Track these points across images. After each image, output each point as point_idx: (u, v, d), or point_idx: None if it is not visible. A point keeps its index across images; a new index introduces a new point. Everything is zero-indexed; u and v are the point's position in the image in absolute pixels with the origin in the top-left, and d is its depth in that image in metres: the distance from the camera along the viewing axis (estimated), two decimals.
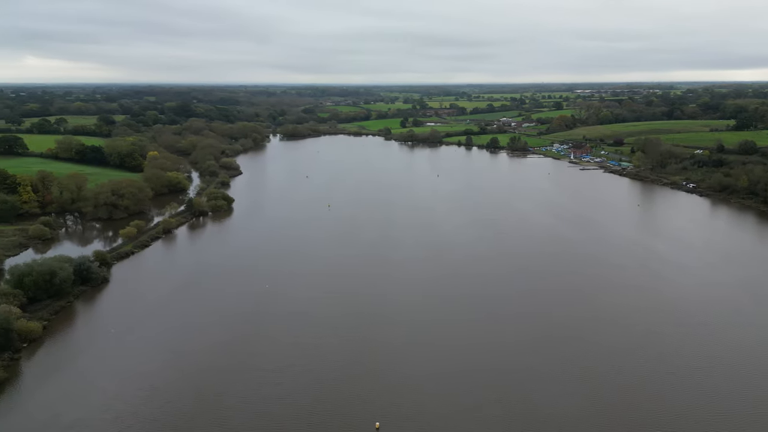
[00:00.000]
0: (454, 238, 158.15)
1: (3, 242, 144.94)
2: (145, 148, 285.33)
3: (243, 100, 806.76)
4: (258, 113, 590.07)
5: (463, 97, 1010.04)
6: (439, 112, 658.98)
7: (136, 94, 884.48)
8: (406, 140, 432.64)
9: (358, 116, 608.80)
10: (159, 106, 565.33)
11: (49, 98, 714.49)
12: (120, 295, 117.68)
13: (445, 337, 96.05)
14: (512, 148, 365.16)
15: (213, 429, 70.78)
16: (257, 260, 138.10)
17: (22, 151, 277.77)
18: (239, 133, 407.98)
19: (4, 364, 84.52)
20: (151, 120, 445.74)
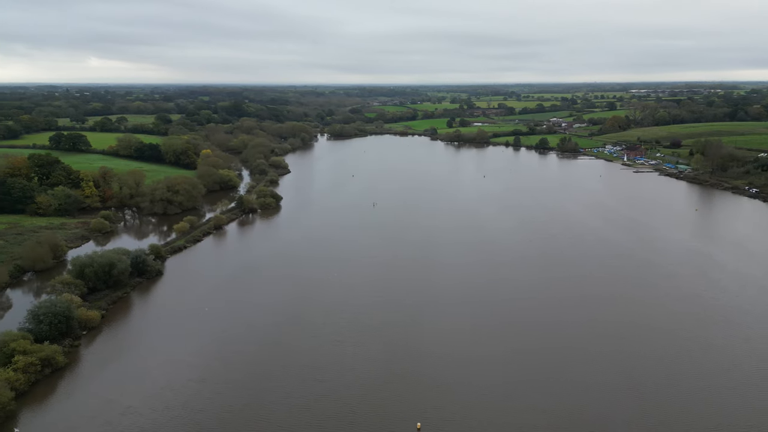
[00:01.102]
0: (501, 240, 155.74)
1: (66, 234, 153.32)
2: (199, 146, 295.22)
3: (292, 100, 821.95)
4: (307, 113, 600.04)
5: (512, 96, 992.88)
6: (486, 112, 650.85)
7: (191, 93, 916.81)
8: (452, 140, 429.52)
9: (404, 116, 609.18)
10: (212, 106, 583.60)
11: (111, 98, 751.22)
12: (173, 287, 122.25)
13: (489, 342, 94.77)
14: (562, 149, 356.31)
15: (257, 423, 72.40)
16: (303, 257, 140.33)
17: (86, 148, 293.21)
18: (288, 133, 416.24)
19: (66, 351, 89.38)
20: (204, 119, 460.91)
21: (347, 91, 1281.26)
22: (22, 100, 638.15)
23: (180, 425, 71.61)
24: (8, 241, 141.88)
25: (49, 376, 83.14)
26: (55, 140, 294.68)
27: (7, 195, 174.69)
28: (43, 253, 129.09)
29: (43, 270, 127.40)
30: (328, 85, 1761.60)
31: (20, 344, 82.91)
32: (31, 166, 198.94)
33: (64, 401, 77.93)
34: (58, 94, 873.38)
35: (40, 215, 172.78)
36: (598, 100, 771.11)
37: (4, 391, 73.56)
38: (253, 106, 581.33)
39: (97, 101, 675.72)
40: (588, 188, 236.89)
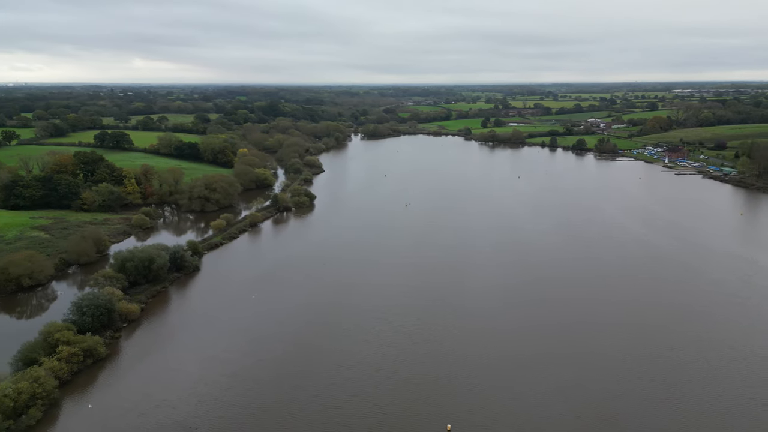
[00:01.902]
0: (535, 242, 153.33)
1: (109, 230, 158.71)
2: (236, 145, 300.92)
3: (327, 100, 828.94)
4: (341, 113, 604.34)
5: (549, 96, 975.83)
6: (522, 112, 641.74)
7: (229, 93, 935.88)
8: (486, 140, 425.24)
9: (438, 116, 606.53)
10: (249, 106, 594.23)
11: (153, 98, 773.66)
12: (209, 283, 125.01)
13: (522, 345, 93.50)
14: (600, 150, 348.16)
15: (287, 420, 73.23)
16: (335, 257, 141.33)
17: (128, 146, 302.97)
18: (323, 132, 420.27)
19: (106, 342, 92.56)
20: (241, 118, 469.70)
21: (381, 91, 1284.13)
22: (69, 99, 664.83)
23: (213, 420, 73.10)
24: (54, 236, 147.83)
25: (91, 367, 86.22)
26: (99, 138, 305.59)
27: (54, 191, 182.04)
28: (87, 248, 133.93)
29: (86, 263, 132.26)
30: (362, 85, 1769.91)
31: (64, 335, 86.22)
32: (77, 163, 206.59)
33: (103, 391, 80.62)
34: (103, 93, 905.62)
35: (84, 211, 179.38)
36: (639, 100, 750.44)
37: (49, 379, 76.67)
38: (288, 106, 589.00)
39: (139, 101, 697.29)
40: (627, 191, 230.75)
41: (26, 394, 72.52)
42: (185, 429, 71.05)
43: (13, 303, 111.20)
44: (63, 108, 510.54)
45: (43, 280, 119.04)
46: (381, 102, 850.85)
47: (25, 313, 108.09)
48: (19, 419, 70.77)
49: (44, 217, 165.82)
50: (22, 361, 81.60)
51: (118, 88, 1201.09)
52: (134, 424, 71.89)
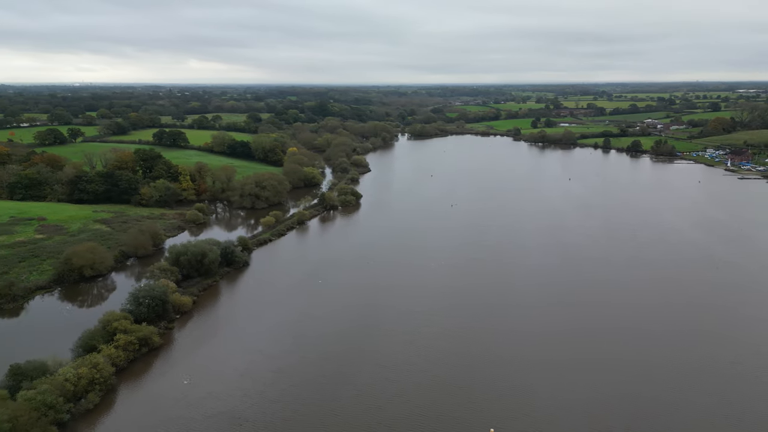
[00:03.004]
0: (585, 245, 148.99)
1: (165, 224, 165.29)
2: (286, 144, 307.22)
3: (375, 100, 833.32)
4: (388, 113, 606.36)
5: (603, 96, 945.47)
6: (574, 113, 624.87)
7: (280, 93, 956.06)
8: (536, 141, 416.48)
9: (486, 116, 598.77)
10: (299, 105, 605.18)
11: (207, 97, 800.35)
12: (257, 278, 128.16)
13: (570, 349, 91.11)
14: (657, 152, 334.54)
15: (329, 417, 73.96)
16: (379, 256, 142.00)
17: (184, 144, 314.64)
18: (370, 132, 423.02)
19: (160, 332, 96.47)
20: (291, 118, 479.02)
21: (429, 91, 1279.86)
22: (130, 99, 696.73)
23: (256, 413, 74.73)
24: (114, 229, 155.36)
25: (146, 355, 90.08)
26: (158, 136, 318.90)
27: (115, 186, 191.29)
28: (145, 241, 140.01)
29: (143, 256, 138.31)
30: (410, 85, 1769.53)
31: (122, 324, 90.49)
32: (136, 160, 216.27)
33: (156, 380, 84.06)
34: (162, 93, 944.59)
35: (142, 206, 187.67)
36: (700, 101, 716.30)
37: (107, 366, 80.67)
38: (337, 106, 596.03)
39: (195, 101, 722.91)
40: (685, 195, 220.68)
41: (85, 380, 76.58)
42: (232, 420, 73.13)
43: (75, 292, 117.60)
44: (125, 107, 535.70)
45: (103, 271, 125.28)
46: (429, 102, 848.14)
47: (86, 302, 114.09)
48: (79, 403, 74.79)
49: (106, 211, 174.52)
50: (83, 347, 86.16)
51: (175, 88, 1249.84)
52: (183, 414, 74.51)
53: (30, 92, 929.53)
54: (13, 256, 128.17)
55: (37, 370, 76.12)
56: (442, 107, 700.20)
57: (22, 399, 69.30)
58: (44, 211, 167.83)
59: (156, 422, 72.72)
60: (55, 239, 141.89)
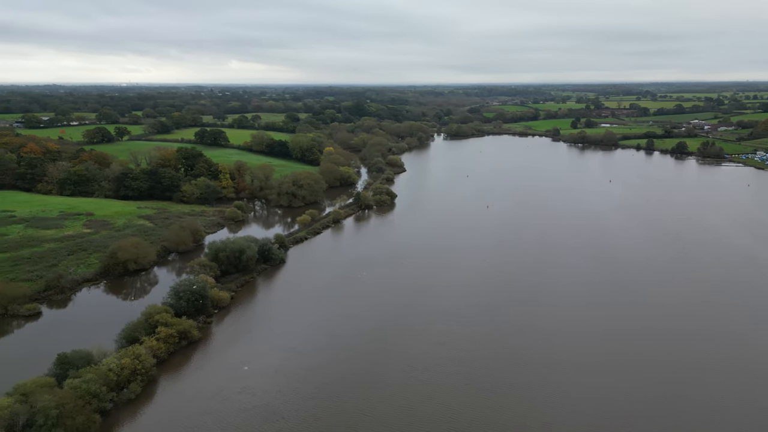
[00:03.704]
0: (627, 251, 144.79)
1: (205, 221, 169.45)
2: (323, 143, 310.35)
3: (412, 100, 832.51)
4: (425, 113, 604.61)
5: (647, 96, 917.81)
6: (616, 113, 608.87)
7: (317, 93, 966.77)
8: (576, 142, 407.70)
9: (525, 116, 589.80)
10: (336, 105, 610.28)
11: (247, 97, 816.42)
12: (293, 276, 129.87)
13: (607, 355, 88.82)
14: (703, 155, 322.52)
15: (360, 417, 74.17)
16: (413, 256, 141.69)
17: (224, 143, 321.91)
18: (406, 132, 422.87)
19: (199, 326, 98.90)
20: (329, 118, 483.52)
21: (466, 90, 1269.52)
22: (174, 98, 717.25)
23: (289, 410, 75.59)
24: (157, 225, 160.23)
25: (185, 348, 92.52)
26: (199, 135, 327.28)
27: (158, 183, 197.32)
28: (186, 237, 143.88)
29: (184, 252, 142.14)
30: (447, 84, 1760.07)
31: (163, 317, 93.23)
32: (179, 158, 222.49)
33: (194, 373, 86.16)
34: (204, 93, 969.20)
35: (184, 202, 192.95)
36: (750, 101, 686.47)
37: (148, 357, 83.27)
38: (373, 106, 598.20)
39: (235, 100, 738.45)
40: (733, 198, 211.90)
41: (128, 370, 79.27)
42: (265, 415, 74.31)
43: (119, 285, 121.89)
44: (168, 107, 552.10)
45: (146, 266, 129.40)
46: (466, 102, 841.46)
47: (129, 294, 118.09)
48: (121, 392, 77.47)
49: (149, 207, 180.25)
50: (126, 339, 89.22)
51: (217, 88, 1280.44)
52: (219, 408, 76.05)
53: (79, 92, 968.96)
54: (62, 250, 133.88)
55: (82, 360, 79.21)
56: (479, 107, 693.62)
57: (68, 387, 72.26)
58: (92, 207, 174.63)
59: (193, 414, 74.61)
60: (101, 234, 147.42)
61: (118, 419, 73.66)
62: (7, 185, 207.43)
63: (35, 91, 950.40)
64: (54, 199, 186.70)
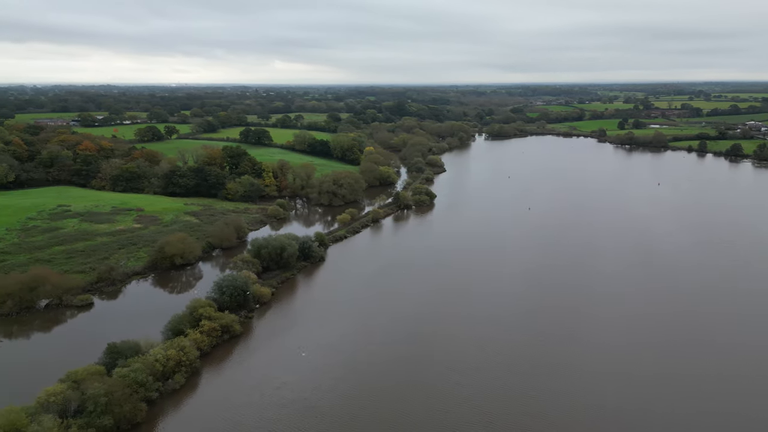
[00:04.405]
0: (675, 259, 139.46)
1: (248, 218, 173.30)
2: (363, 143, 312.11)
3: (453, 99, 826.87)
4: (466, 112, 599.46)
5: (699, 96, 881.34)
6: (666, 113, 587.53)
7: (359, 93, 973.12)
8: (622, 143, 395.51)
9: (569, 116, 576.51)
10: (377, 105, 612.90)
11: (290, 97, 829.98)
12: (332, 274, 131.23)
13: (649, 366, 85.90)
14: (759, 158, 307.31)
15: (396, 417, 74.04)
16: (451, 258, 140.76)
17: (268, 142, 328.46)
18: (447, 132, 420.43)
19: (241, 321, 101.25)
20: (370, 118, 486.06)
21: (509, 90, 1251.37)
22: (220, 99, 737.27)
23: (326, 407, 76.28)
24: (203, 221, 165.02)
25: (227, 342, 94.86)
26: (244, 134, 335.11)
27: (204, 181, 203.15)
28: (230, 233, 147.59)
29: (228, 248, 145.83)
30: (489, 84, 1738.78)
31: (207, 311, 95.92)
32: (224, 156, 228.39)
33: (235, 367, 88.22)
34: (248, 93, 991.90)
35: (228, 200, 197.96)
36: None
37: (192, 349, 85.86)
38: (414, 106, 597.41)
39: (279, 101, 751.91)
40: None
41: (173, 361, 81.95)
42: (303, 411, 75.35)
43: (166, 279, 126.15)
44: (215, 106, 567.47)
45: (192, 260, 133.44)
46: (508, 101, 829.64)
47: (175, 288, 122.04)
48: (167, 383, 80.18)
49: (195, 204, 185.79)
50: (172, 331, 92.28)
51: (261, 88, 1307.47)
52: (258, 402, 77.49)
53: (132, 92, 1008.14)
54: (113, 243, 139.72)
55: (131, 350, 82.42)
56: (522, 107, 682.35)
57: (117, 376, 75.34)
58: (142, 203, 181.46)
59: (233, 406, 76.47)
60: (150, 229, 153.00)
61: (163, 408, 76.25)
62: (63, 181, 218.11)
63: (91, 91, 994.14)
64: (107, 195, 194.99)
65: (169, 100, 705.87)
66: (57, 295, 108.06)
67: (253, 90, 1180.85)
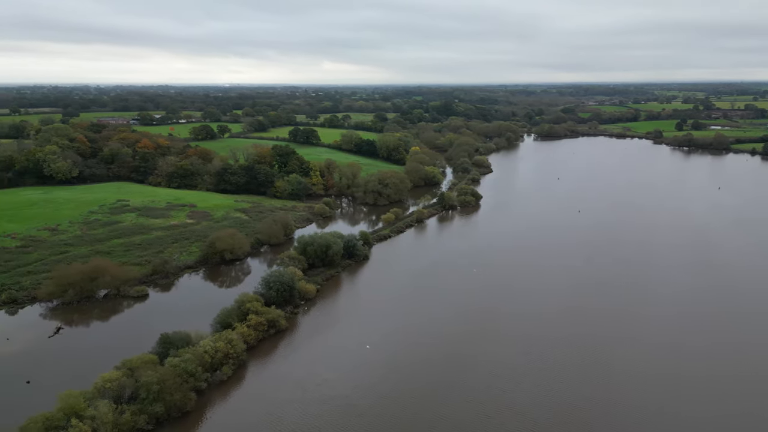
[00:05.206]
0: (738, 268, 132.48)
1: (295, 216, 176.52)
2: (409, 143, 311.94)
3: (501, 99, 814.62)
4: (515, 112, 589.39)
5: (765, 96, 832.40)
6: (728, 114, 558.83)
7: (406, 93, 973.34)
8: (680, 145, 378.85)
9: (623, 117, 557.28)
10: (424, 105, 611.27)
11: (338, 97, 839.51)
12: (376, 273, 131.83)
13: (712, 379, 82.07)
14: None
15: (435, 420, 73.42)
16: (495, 260, 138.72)
17: (316, 141, 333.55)
18: (494, 132, 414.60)
19: (287, 316, 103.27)
20: (416, 118, 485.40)
21: (560, 90, 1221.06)
22: (271, 98, 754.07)
23: (367, 406, 76.53)
24: (252, 218, 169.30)
25: (273, 336, 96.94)
26: (293, 134, 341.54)
27: (254, 179, 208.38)
28: (277, 230, 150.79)
29: (275, 244, 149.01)
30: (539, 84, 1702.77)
31: (254, 305, 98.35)
32: (273, 155, 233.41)
33: (280, 361, 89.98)
34: (298, 93, 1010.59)
35: (276, 198, 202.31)
36: None
37: (239, 342, 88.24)
38: (462, 106, 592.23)
39: (327, 100, 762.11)
40: None
41: (221, 353, 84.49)
42: (344, 408, 76.07)
43: (216, 273, 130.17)
44: (266, 106, 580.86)
45: (241, 256, 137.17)
46: (559, 101, 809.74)
47: (225, 282, 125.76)
48: (215, 374, 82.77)
49: (245, 201, 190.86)
50: (220, 323, 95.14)
51: (310, 88, 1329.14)
52: (300, 398, 78.64)
53: (188, 92, 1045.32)
54: (167, 238, 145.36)
55: (182, 341, 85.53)
56: (573, 107, 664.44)
57: (168, 365, 78.35)
58: (194, 199, 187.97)
59: (277, 400, 78.02)
60: (202, 224, 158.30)
61: (211, 399, 78.74)
62: (123, 177, 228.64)
63: (150, 91, 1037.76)
64: (162, 191, 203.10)
65: (222, 99, 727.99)
66: (115, 285, 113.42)
67: (302, 90, 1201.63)
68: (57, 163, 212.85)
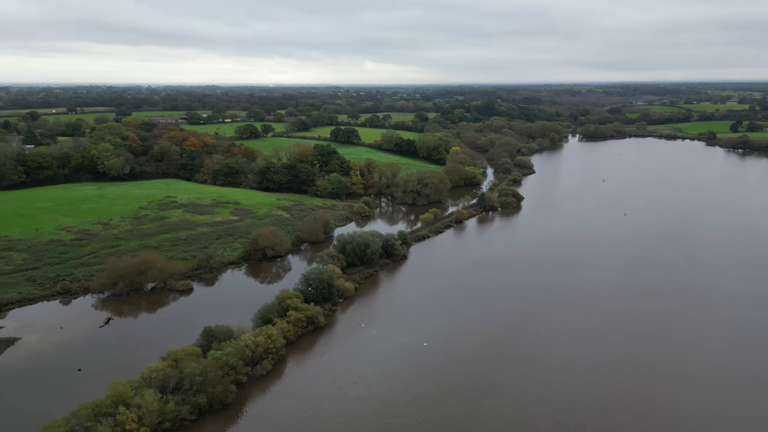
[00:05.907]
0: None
1: (335, 214, 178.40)
2: (449, 143, 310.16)
3: (545, 99, 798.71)
4: (559, 112, 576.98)
5: None
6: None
7: (447, 93, 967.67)
8: (735, 147, 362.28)
9: (673, 117, 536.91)
10: (466, 105, 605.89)
11: (380, 97, 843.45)
12: (413, 272, 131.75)
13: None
14: None
15: (469, 424, 72.76)
16: (536, 262, 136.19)
17: (357, 141, 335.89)
18: (537, 132, 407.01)
19: (325, 313, 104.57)
20: (457, 118, 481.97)
21: (606, 89, 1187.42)
22: (313, 98, 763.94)
23: (401, 407, 76.40)
24: (293, 216, 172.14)
25: (311, 333, 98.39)
26: (334, 133, 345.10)
27: (296, 177, 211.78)
28: (317, 229, 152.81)
29: (315, 242, 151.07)
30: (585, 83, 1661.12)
31: (294, 302, 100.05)
32: (315, 154, 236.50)
33: (317, 358, 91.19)
34: (340, 93, 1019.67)
35: (317, 196, 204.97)
36: None
37: (279, 338, 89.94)
38: (504, 105, 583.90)
39: (369, 100, 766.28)
40: None
41: (261, 348, 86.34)
42: (378, 407, 76.38)
43: (258, 269, 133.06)
44: (308, 106, 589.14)
45: (282, 253, 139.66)
46: (605, 101, 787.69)
47: (266, 278, 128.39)
48: (255, 367, 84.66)
49: (287, 199, 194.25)
50: (261, 319, 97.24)
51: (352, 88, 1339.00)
52: (334, 395, 79.49)
53: (233, 92, 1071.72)
54: (212, 234, 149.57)
55: (224, 334, 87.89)
56: (620, 107, 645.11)
57: (211, 358, 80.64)
58: (238, 196, 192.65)
59: (313, 397, 79.08)
60: (245, 221, 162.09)
61: (251, 392, 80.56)
62: (171, 174, 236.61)
63: (197, 91, 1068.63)
64: (208, 188, 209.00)
65: (266, 99, 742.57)
66: (162, 279, 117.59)
67: (344, 90, 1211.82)
68: (110, 160, 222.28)
